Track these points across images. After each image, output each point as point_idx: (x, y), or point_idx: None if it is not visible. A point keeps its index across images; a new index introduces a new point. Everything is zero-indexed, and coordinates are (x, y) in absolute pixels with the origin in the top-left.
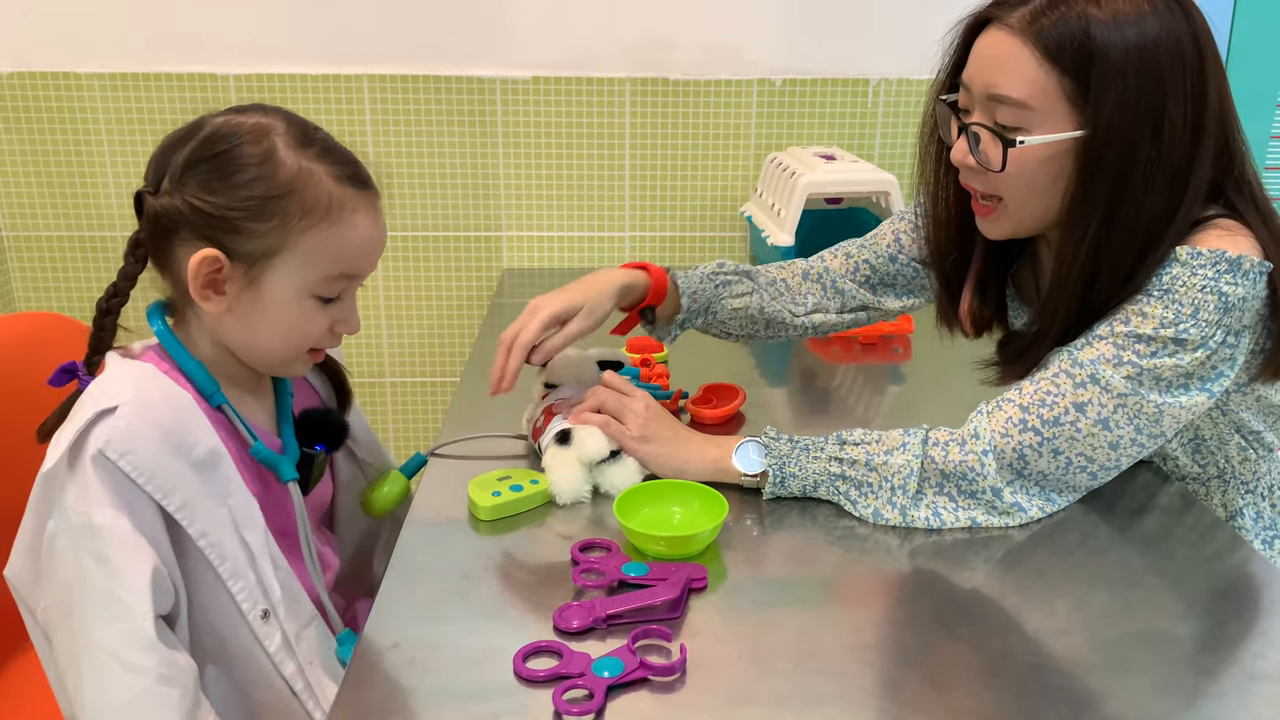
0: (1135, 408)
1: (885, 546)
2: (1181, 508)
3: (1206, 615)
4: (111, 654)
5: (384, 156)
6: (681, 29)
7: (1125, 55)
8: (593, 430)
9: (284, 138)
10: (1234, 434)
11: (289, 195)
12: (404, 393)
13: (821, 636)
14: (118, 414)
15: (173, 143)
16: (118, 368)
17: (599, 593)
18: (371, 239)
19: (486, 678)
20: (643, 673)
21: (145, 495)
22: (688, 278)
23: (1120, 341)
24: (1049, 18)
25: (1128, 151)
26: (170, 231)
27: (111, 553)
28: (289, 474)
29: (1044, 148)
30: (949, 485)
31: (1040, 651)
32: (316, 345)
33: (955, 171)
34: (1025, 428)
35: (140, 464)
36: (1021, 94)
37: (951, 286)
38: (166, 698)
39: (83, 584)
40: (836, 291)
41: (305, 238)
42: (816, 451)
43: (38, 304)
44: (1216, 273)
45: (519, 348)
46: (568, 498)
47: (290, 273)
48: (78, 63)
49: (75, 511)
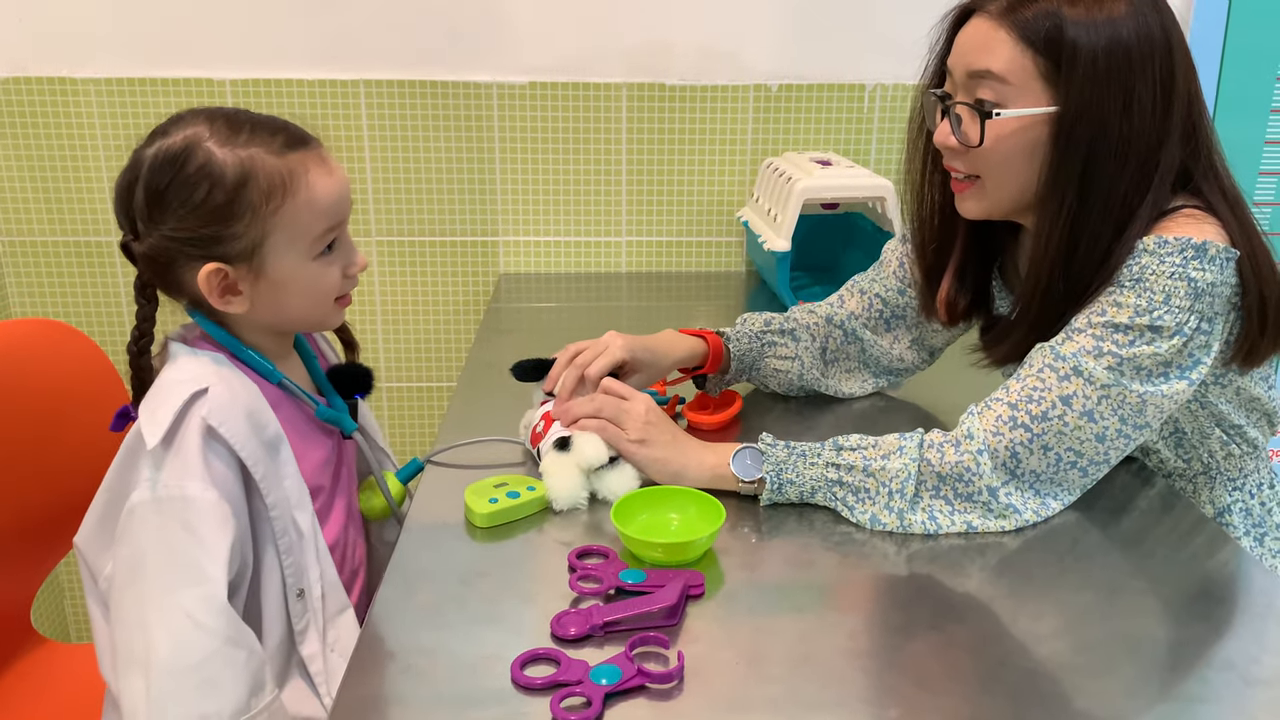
0: (1119, 398)
1: (882, 552)
2: (1164, 507)
3: (1197, 618)
4: (189, 615)
5: (380, 162)
6: (678, 34)
7: (1095, 38)
8: (591, 436)
9: (213, 140)
10: (1214, 428)
11: (244, 188)
12: (400, 398)
13: (818, 642)
14: (210, 394)
15: (124, 186)
16: (189, 358)
17: (596, 600)
18: (335, 187)
19: (484, 685)
20: (640, 680)
21: (235, 466)
22: (738, 339)
23: (1099, 333)
24: (1027, 8)
25: (1099, 127)
26: (168, 265)
27: (199, 522)
28: (350, 425)
29: (1019, 121)
30: (945, 488)
31: (1034, 657)
32: (339, 293)
33: (940, 163)
34: (1015, 424)
35: (236, 434)
36: (999, 68)
37: (931, 276)
38: (234, 658)
39: (168, 551)
40: (856, 339)
41: (279, 217)
42: (813, 458)
43: (32, 309)
44: (1184, 259)
45: (589, 379)
46: (564, 504)
47: (284, 250)
48: (74, 68)
49: (166, 485)
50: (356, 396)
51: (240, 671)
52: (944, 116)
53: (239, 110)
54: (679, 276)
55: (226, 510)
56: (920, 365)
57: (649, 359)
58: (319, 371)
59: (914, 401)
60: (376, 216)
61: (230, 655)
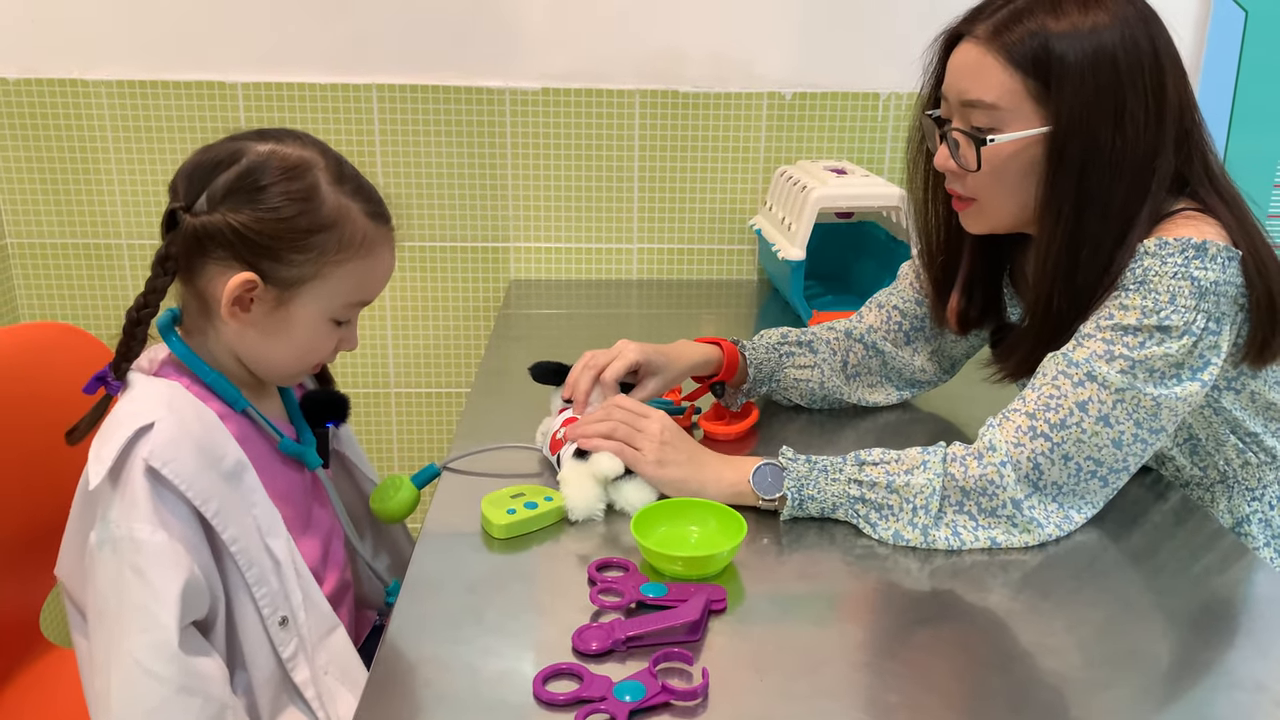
0: (1133, 402)
1: (905, 568)
2: (1182, 518)
3: (1222, 636)
4: (138, 662)
5: (392, 166)
6: (691, 41)
7: (1082, 55)
8: (612, 459)
9: (324, 173)
10: (1230, 434)
11: (329, 230)
12: (410, 403)
13: (840, 659)
14: (156, 429)
15: (212, 164)
16: (145, 386)
17: (618, 614)
18: (387, 272)
19: (505, 700)
20: (665, 697)
21: (186, 504)
22: (754, 348)
23: (1108, 336)
24: (1013, 31)
25: (1091, 142)
26: (205, 250)
27: (147, 566)
28: (314, 461)
29: (1013, 144)
30: (969, 503)
31: (1064, 675)
32: (321, 361)
33: (941, 181)
34: (1035, 434)
35: (181, 473)
36: (991, 97)
37: (940, 288)
38: (188, 706)
39: (120, 595)
40: (877, 352)
41: (337, 270)
42: (835, 473)
43: (42, 312)
44: (1185, 259)
45: (605, 382)
46: (581, 514)
47: (316, 299)
48: (85, 70)
49: (118, 525)
50: (329, 425)
51: (195, 719)
52: (942, 140)
53: (347, 161)
54: (690, 284)
55: (178, 550)
56: (943, 376)
57: (663, 363)
58: (294, 402)
59: (934, 412)
60: None
61: (184, 704)
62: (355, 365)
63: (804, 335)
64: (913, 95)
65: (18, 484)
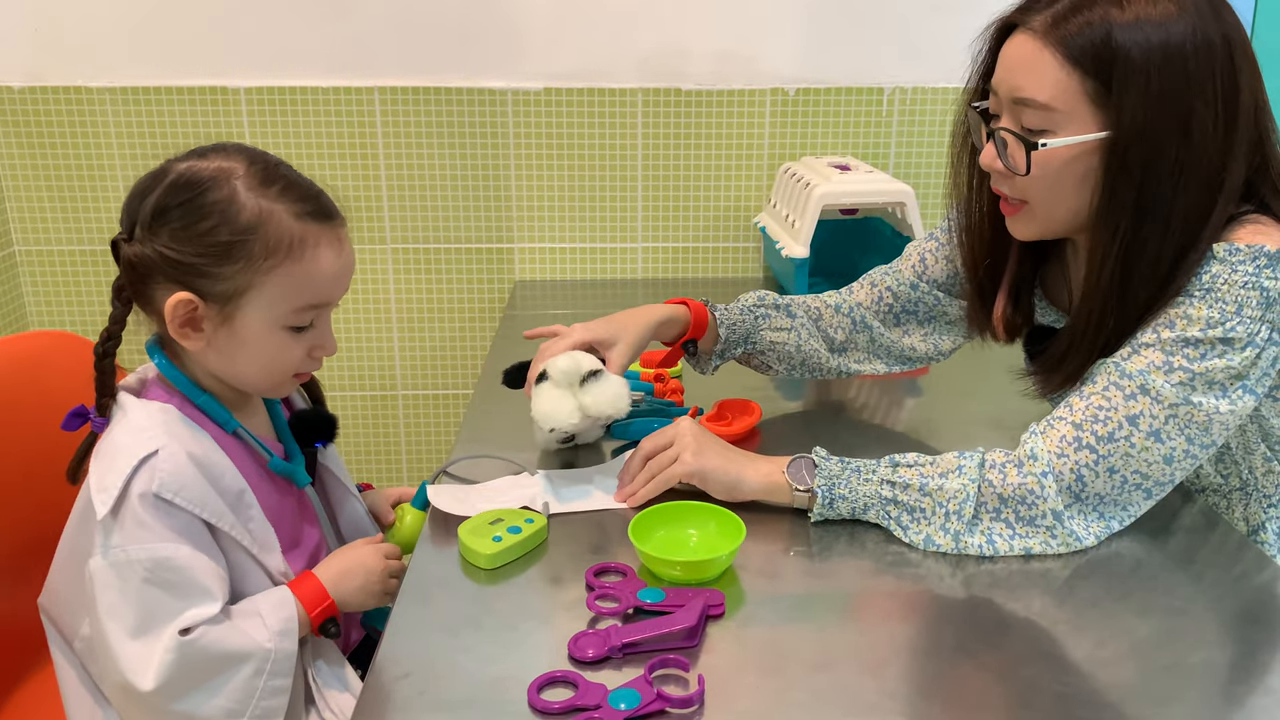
0: (1186, 417)
1: (937, 574)
2: (1207, 526)
3: (1262, 646)
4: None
5: (395, 169)
6: (694, 39)
7: (1148, 55)
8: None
9: (244, 180)
10: (1260, 443)
11: (251, 237)
12: (416, 405)
13: (841, 664)
14: (159, 457)
15: (141, 190)
16: (139, 411)
17: (615, 620)
18: (336, 270)
19: (501, 708)
20: (660, 705)
21: (200, 523)
22: (727, 310)
23: (1168, 348)
24: (1072, 22)
25: (1154, 151)
26: (146, 276)
27: (182, 568)
28: (304, 479)
29: (1068, 149)
30: (1006, 511)
31: (1095, 684)
32: (298, 370)
33: (987, 179)
34: (1080, 445)
35: (193, 497)
36: (1045, 97)
37: (984, 293)
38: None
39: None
40: (865, 327)
41: (271, 276)
42: (868, 474)
43: (50, 318)
44: (1256, 268)
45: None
46: (554, 422)
47: (261, 308)
48: (89, 77)
49: (119, 549)
50: (317, 445)
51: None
52: (989, 138)
53: (282, 164)
54: (695, 283)
55: (201, 556)
56: (935, 357)
57: (615, 329)
58: (283, 420)
59: (938, 411)
60: (391, 224)
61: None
62: (362, 368)
63: (782, 299)
64: (918, 90)
65: (24, 492)
